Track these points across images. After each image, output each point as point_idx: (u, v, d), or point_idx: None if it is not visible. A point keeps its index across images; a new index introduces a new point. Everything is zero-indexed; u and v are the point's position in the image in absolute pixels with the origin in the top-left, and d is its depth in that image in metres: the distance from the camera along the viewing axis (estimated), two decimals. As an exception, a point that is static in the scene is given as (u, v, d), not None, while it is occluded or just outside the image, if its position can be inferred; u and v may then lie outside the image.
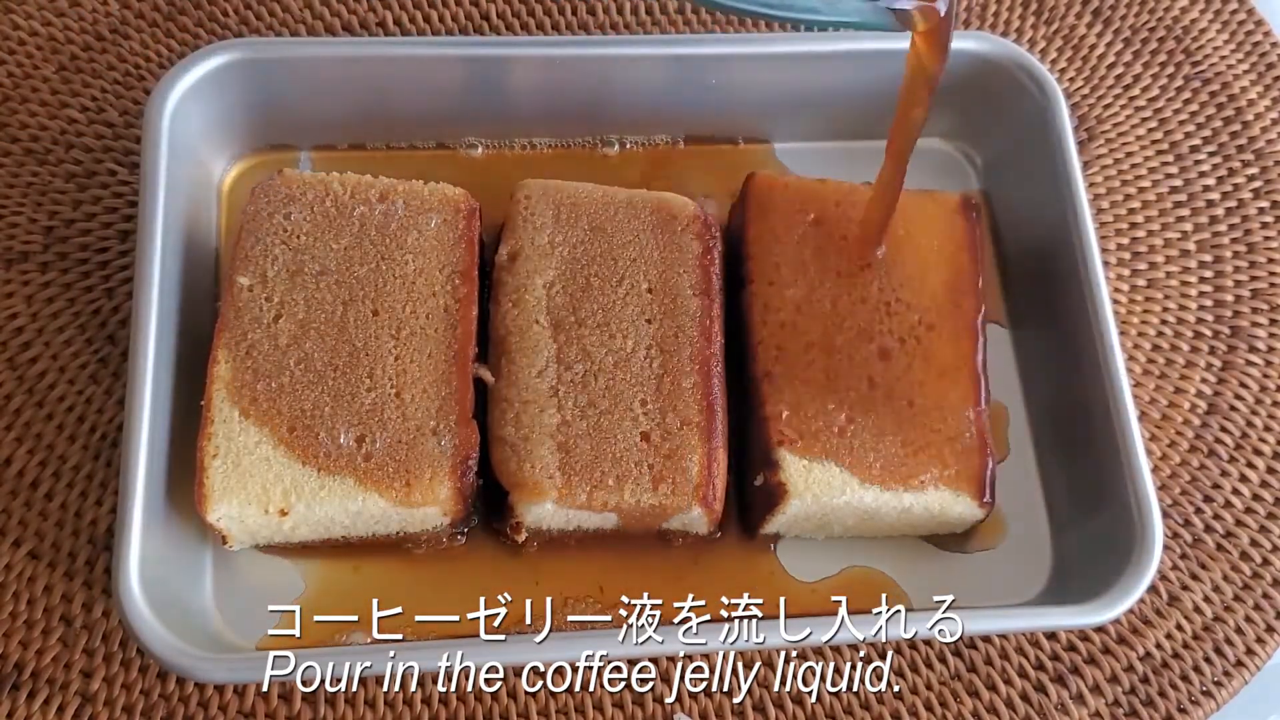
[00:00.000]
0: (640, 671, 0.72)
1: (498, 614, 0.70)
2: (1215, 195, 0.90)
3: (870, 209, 0.75)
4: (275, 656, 0.66)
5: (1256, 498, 0.80)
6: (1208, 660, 0.76)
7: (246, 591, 0.70)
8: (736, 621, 0.71)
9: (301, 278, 0.70)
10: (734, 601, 0.72)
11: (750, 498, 0.73)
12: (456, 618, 0.70)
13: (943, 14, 0.63)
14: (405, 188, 0.74)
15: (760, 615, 0.72)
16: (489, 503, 0.71)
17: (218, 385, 0.67)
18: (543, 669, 0.72)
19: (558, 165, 0.84)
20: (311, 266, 0.71)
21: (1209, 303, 0.86)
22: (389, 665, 0.65)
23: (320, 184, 0.73)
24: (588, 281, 0.73)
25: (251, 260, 0.70)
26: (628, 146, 0.85)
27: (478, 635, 0.69)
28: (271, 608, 0.69)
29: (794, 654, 0.74)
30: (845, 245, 0.76)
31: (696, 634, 0.67)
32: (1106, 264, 0.86)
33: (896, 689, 0.73)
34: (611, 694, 0.72)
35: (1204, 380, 0.84)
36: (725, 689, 0.72)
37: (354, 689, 0.70)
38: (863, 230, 0.76)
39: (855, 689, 0.73)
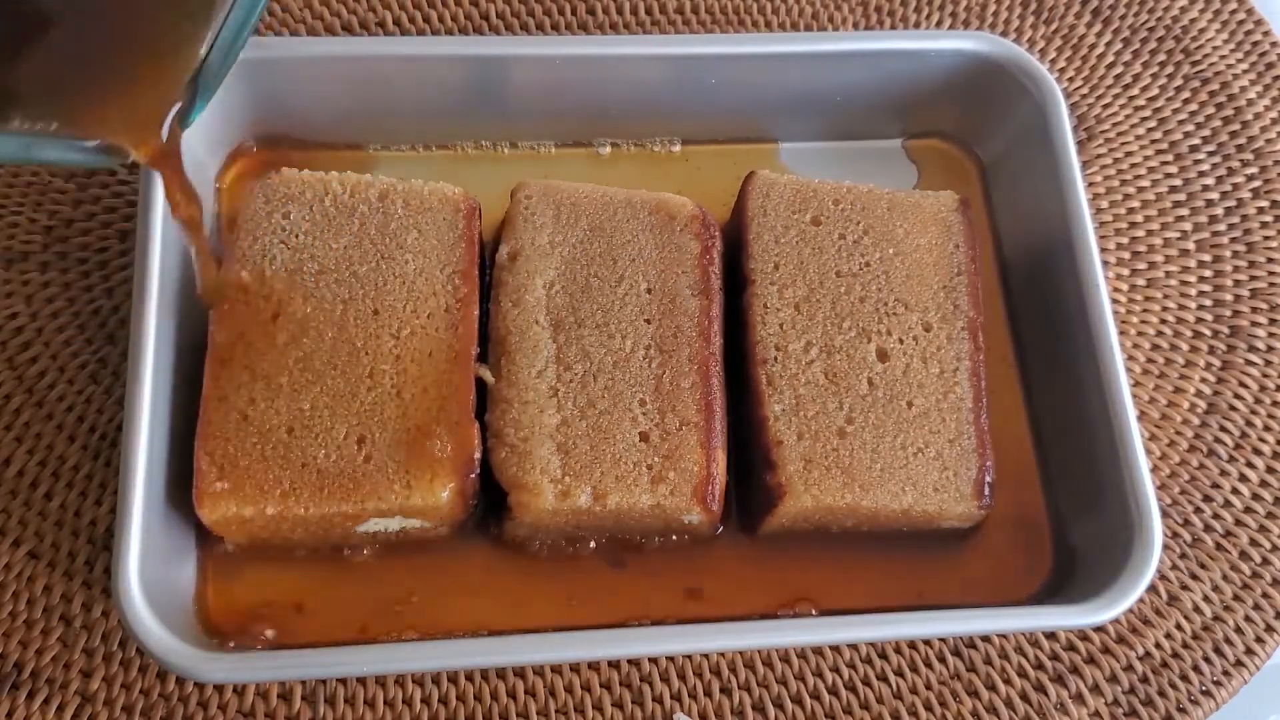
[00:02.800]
0: (640, 671, 0.72)
1: (497, 614, 0.71)
2: (1215, 195, 0.90)
3: None
4: (275, 656, 0.66)
5: (1256, 497, 0.80)
6: (1207, 660, 0.76)
7: (246, 592, 0.70)
8: (736, 621, 0.71)
9: (300, 277, 0.70)
10: (734, 601, 0.72)
11: (750, 498, 0.73)
12: (456, 618, 0.70)
13: (164, 140, 0.61)
14: (405, 187, 0.74)
15: (760, 615, 0.72)
16: (488, 503, 0.71)
17: (216, 385, 0.67)
18: (543, 669, 0.72)
19: (558, 165, 0.84)
20: (310, 266, 0.71)
21: (1209, 303, 0.86)
22: (388, 665, 0.65)
23: (319, 183, 0.73)
24: (587, 282, 0.73)
25: (249, 259, 0.70)
26: (627, 147, 0.85)
27: (478, 635, 0.69)
28: (270, 608, 0.69)
29: (794, 654, 0.74)
30: None
31: (696, 634, 0.67)
32: (1106, 264, 0.86)
33: (896, 689, 0.73)
34: (611, 694, 0.72)
35: (1204, 380, 0.84)
36: (725, 689, 0.72)
37: (354, 689, 0.70)
38: None
39: (855, 689, 0.73)
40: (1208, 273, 0.87)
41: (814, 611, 0.72)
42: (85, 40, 0.59)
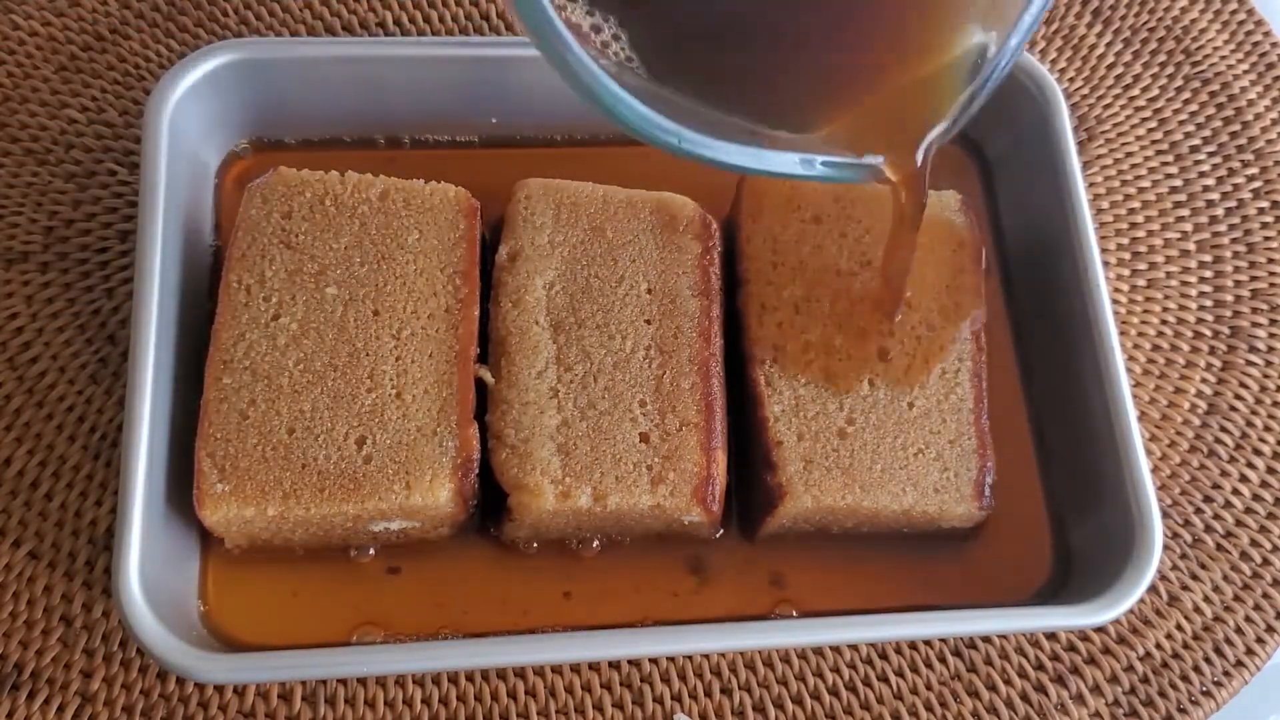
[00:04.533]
0: (640, 671, 0.72)
1: (497, 614, 0.70)
2: (1215, 195, 0.90)
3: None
4: (275, 656, 0.66)
5: (1256, 498, 0.80)
6: (1208, 660, 0.76)
7: (246, 592, 0.70)
8: (736, 622, 0.71)
9: (300, 277, 0.70)
10: (734, 602, 0.72)
11: (750, 499, 0.73)
12: (456, 618, 0.70)
13: (918, 165, 0.59)
14: (405, 187, 0.74)
15: (760, 615, 0.72)
16: (488, 504, 0.71)
17: (216, 385, 0.67)
18: (543, 669, 0.72)
19: (558, 165, 0.83)
20: (310, 266, 0.71)
21: (1209, 303, 0.86)
22: (388, 665, 0.65)
23: (320, 183, 0.73)
24: (587, 282, 0.73)
25: (249, 260, 0.70)
26: (627, 146, 0.85)
27: (478, 635, 0.69)
28: (271, 609, 0.69)
29: (794, 654, 0.74)
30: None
31: (697, 634, 0.67)
32: (1106, 264, 0.86)
33: (897, 689, 0.73)
34: (611, 694, 0.72)
35: (1204, 380, 0.84)
36: (725, 689, 0.72)
37: (354, 689, 0.70)
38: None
39: (856, 689, 0.73)
40: (1208, 273, 0.87)
41: (803, 613, 0.72)
42: (842, 40, 0.52)
